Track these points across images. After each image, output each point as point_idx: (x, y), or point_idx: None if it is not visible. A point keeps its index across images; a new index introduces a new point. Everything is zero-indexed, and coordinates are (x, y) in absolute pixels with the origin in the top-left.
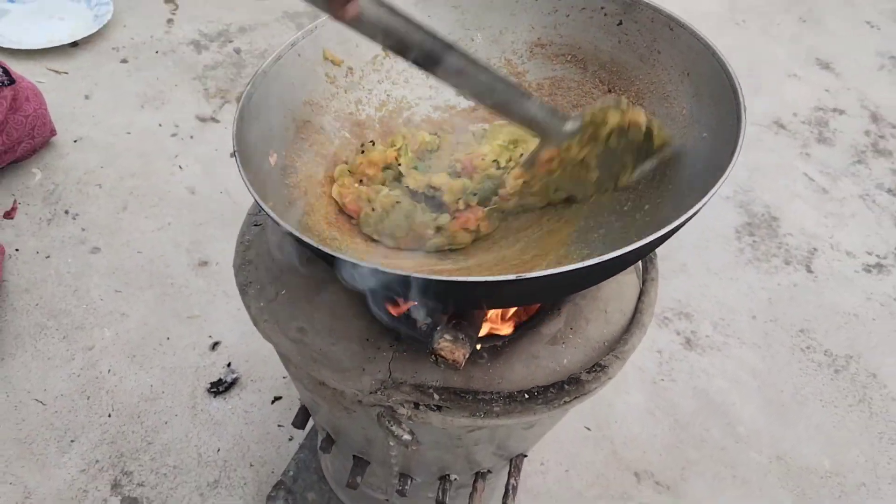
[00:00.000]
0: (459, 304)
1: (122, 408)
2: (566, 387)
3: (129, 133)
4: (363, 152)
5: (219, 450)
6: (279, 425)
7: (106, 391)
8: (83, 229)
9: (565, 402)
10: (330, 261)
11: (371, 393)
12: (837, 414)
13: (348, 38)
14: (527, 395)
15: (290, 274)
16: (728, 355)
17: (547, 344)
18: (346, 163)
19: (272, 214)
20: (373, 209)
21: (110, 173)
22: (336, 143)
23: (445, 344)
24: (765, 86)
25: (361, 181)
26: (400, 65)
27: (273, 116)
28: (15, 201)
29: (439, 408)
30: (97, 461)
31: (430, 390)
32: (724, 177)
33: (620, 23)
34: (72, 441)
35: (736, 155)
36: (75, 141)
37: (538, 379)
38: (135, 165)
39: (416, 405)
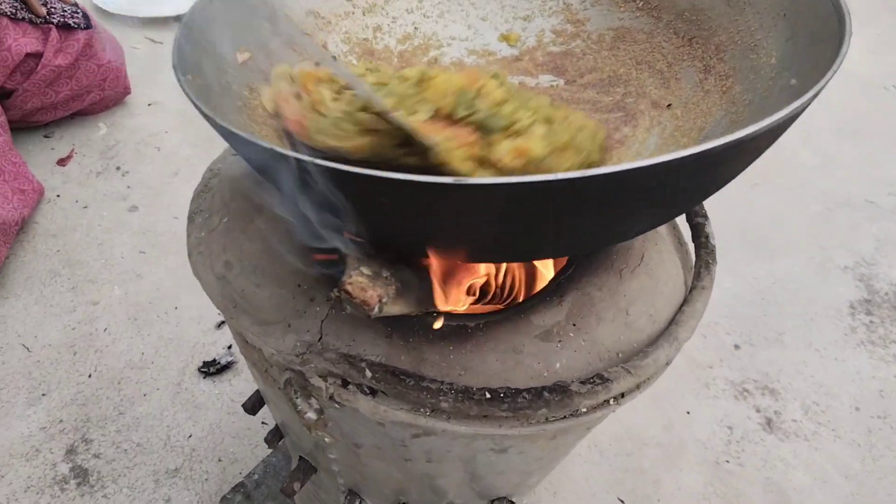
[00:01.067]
0: (380, 225)
1: (105, 370)
2: (546, 395)
3: None
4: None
5: (190, 436)
6: (263, 422)
7: (95, 350)
8: (128, 186)
9: (544, 419)
10: (231, 139)
11: (294, 356)
12: None
13: None
14: (488, 395)
15: (239, 199)
16: (817, 447)
17: (537, 338)
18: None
19: (182, 81)
20: (322, 115)
21: (172, 139)
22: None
23: (358, 278)
24: None
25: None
26: None
27: (260, 13)
28: (72, 150)
29: (372, 391)
30: (61, 421)
31: (363, 364)
32: (818, 87)
33: None
34: (43, 395)
35: (833, 70)
36: (149, 104)
37: (515, 380)
38: (198, 136)
39: (345, 382)
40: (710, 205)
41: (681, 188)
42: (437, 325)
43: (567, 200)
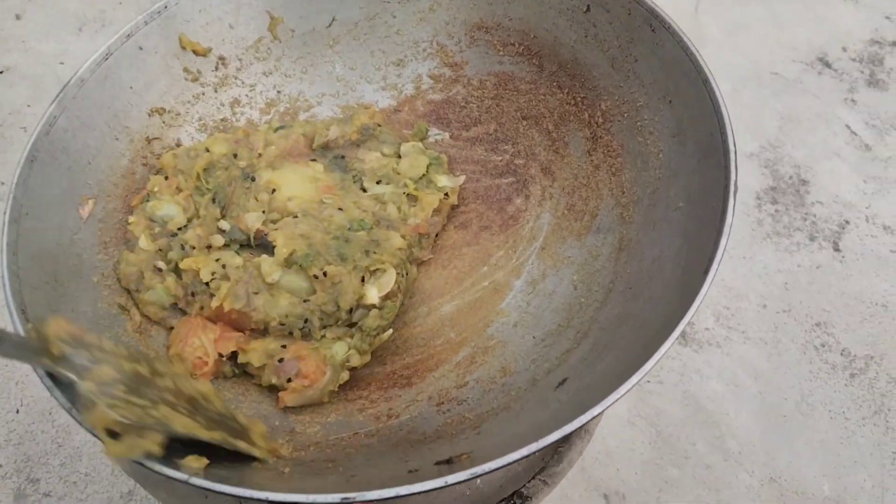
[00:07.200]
0: None
1: (32, 402)
2: None
3: (62, 63)
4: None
5: None
6: None
7: (15, 382)
8: (1, 183)
9: None
10: None
11: None
12: (847, 428)
13: (218, 16)
14: None
15: None
16: (728, 353)
17: None
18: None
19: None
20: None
21: (38, 113)
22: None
23: None
24: (813, 11)
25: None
26: (295, 51)
27: (93, 144)
28: None
29: None
30: (1, 466)
31: None
32: (675, 332)
33: (588, 9)
34: None
35: (708, 279)
36: (1, 72)
37: None
38: None
39: None
40: None
41: None
42: None
43: None
